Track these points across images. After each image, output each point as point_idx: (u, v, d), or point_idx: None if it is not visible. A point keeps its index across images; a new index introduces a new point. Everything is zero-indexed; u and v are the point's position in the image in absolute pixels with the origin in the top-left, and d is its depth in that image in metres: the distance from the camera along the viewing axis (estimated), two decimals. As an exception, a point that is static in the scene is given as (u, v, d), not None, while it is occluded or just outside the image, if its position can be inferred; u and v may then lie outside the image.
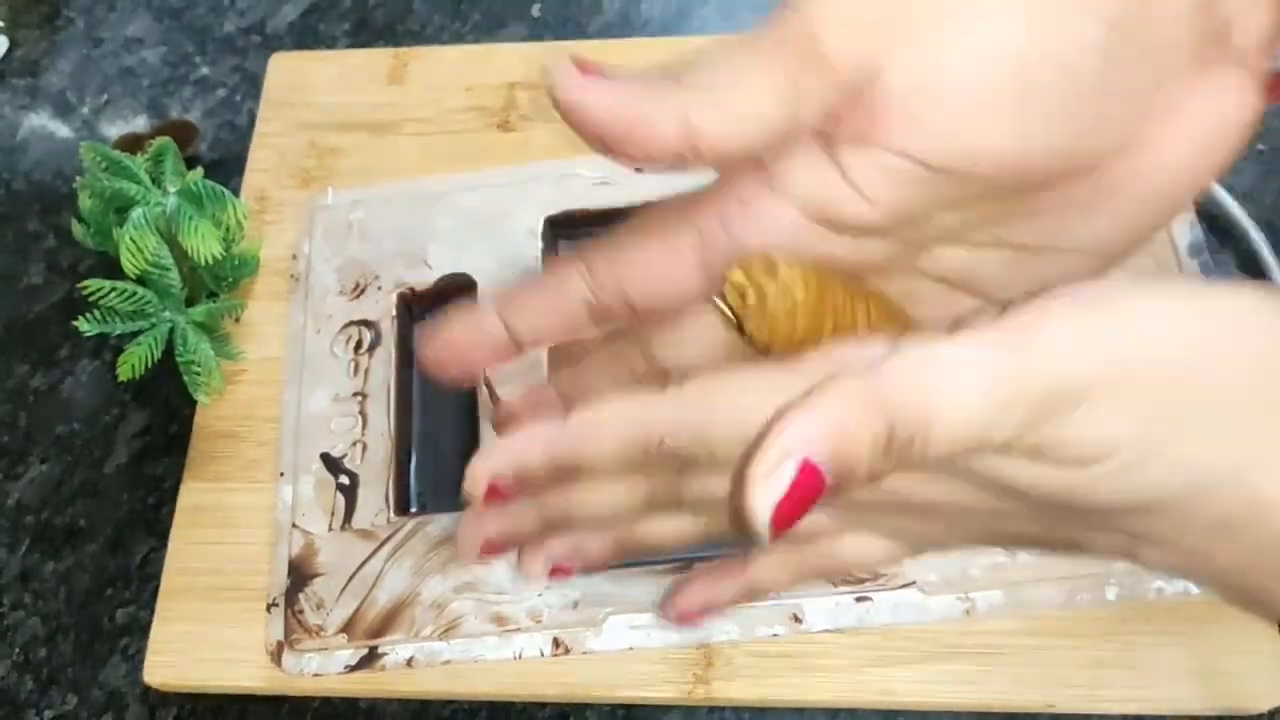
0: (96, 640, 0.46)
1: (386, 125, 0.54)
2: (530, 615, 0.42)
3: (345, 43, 0.59)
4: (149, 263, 0.44)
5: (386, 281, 0.48)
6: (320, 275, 0.49)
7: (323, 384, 0.47)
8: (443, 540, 0.43)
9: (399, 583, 0.42)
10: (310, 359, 0.47)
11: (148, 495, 0.48)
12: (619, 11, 0.58)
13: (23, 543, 0.48)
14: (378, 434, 0.45)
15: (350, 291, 0.48)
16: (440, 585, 0.42)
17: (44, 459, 0.50)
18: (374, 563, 0.43)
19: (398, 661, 0.41)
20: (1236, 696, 0.39)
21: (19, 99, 0.59)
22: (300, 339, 0.48)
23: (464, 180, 0.50)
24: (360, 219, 0.50)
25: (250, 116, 0.56)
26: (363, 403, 0.46)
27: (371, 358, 0.47)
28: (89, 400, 0.51)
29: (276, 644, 0.42)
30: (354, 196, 0.51)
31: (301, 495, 0.45)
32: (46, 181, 0.57)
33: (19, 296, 0.54)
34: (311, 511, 0.44)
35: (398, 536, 0.43)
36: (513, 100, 0.54)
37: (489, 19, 0.59)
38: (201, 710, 0.44)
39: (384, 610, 0.42)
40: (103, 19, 0.61)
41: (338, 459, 0.45)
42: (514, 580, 0.42)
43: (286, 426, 0.46)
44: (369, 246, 0.49)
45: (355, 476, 0.45)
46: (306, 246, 0.50)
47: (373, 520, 0.44)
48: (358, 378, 0.47)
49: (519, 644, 0.41)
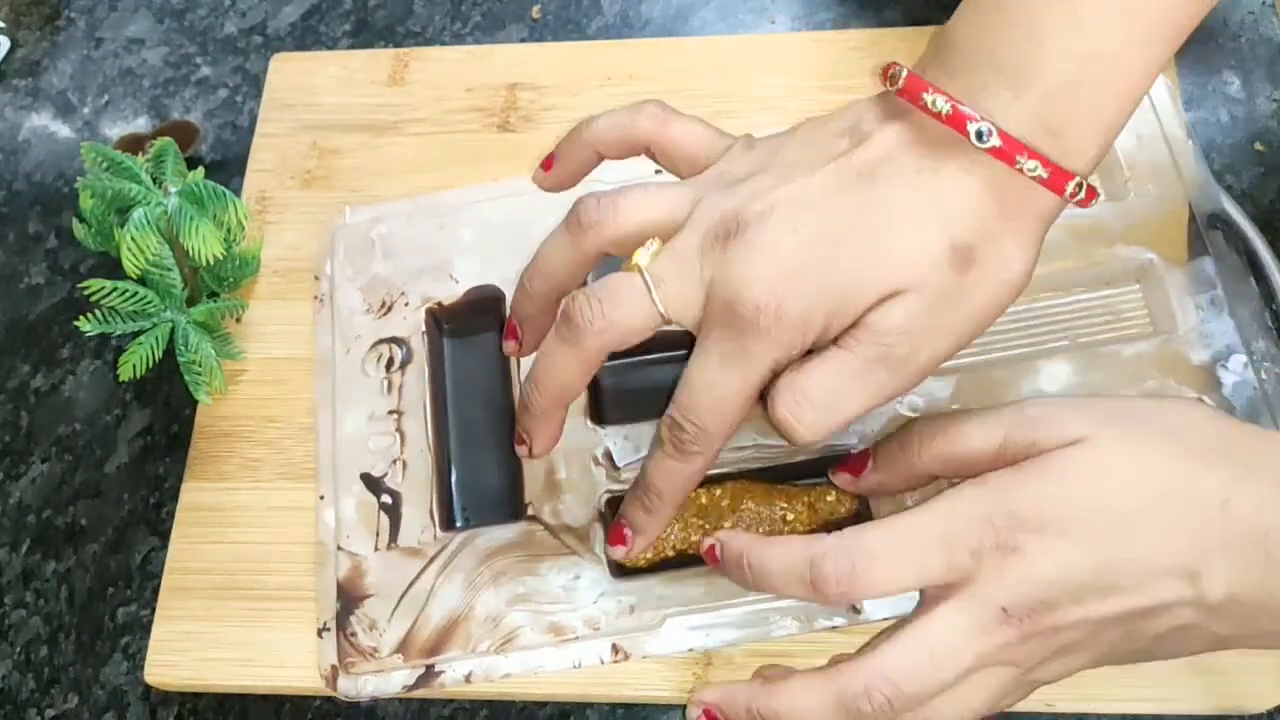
0: (98, 640, 0.46)
1: (387, 125, 0.54)
2: (587, 623, 0.41)
3: (346, 43, 0.59)
4: (150, 263, 0.44)
5: (413, 297, 0.48)
6: (345, 294, 0.48)
7: (356, 404, 0.46)
8: (493, 553, 0.42)
9: (451, 599, 0.42)
10: (341, 380, 0.47)
11: (149, 495, 0.48)
12: (619, 12, 0.58)
13: (24, 542, 0.48)
14: (417, 450, 0.45)
15: (377, 309, 0.48)
16: (494, 598, 0.42)
17: (45, 459, 0.50)
18: (424, 580, 0.42)
19: (456, 678, 0.41)
20: (1236, 696, 0.39)
21: (20, 99, 0.60)
22: (330, 360, 0.47)
23: (484, 191, 0.50)
24: (382, 235, 0.49)
25: (251, 117, 0.56)
26: (399, 420, 0.45)
27: (404, 374, 0.46)
28: (90, 400, 0.51)
29: (331, 668, 0.41)
30: (373, 214, 0.50)
31: (344, 517, 0.44)
32: (48, 182, 0.57)
33: (20, 297, 0.54)
34: (356, 533, 0.44)
35: (446, 552, 0.43)
36: (513, 100, 0.54)
37: (489, 19, 0.59)
38: (202, 709, 0.44)
39: (438, 627, 0.41)
40: (104, 19, 0.61)
41: (378, 478, 0.44)
42: (568, 589, 0.41)
43: (323, 449, 0.45)
44: (393, 263, 0.49)
45: (398, 495, 0.44)
46: (329, 266, 0.49)
47: (419, 537, 0.43)
48: (392, 395, 0.46)
49: (577, 652, 0.41)
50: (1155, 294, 0.44)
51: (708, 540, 0.37)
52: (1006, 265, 0.33)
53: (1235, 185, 0.50)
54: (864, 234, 0.33)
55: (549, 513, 0.43)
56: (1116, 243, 0.45)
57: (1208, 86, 0.52)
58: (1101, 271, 0.45)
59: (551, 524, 0.43)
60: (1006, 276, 0.33)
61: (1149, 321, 0.44)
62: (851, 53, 0.53)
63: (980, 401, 0.43)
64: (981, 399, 0.43)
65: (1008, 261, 0.33)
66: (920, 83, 0.33)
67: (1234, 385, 0.42)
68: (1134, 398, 0.36)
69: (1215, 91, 0.52)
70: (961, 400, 0.43)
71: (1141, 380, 0.42)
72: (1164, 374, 0.42)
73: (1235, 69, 0.53)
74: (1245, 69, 0.53)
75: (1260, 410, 0.42)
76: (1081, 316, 0.44)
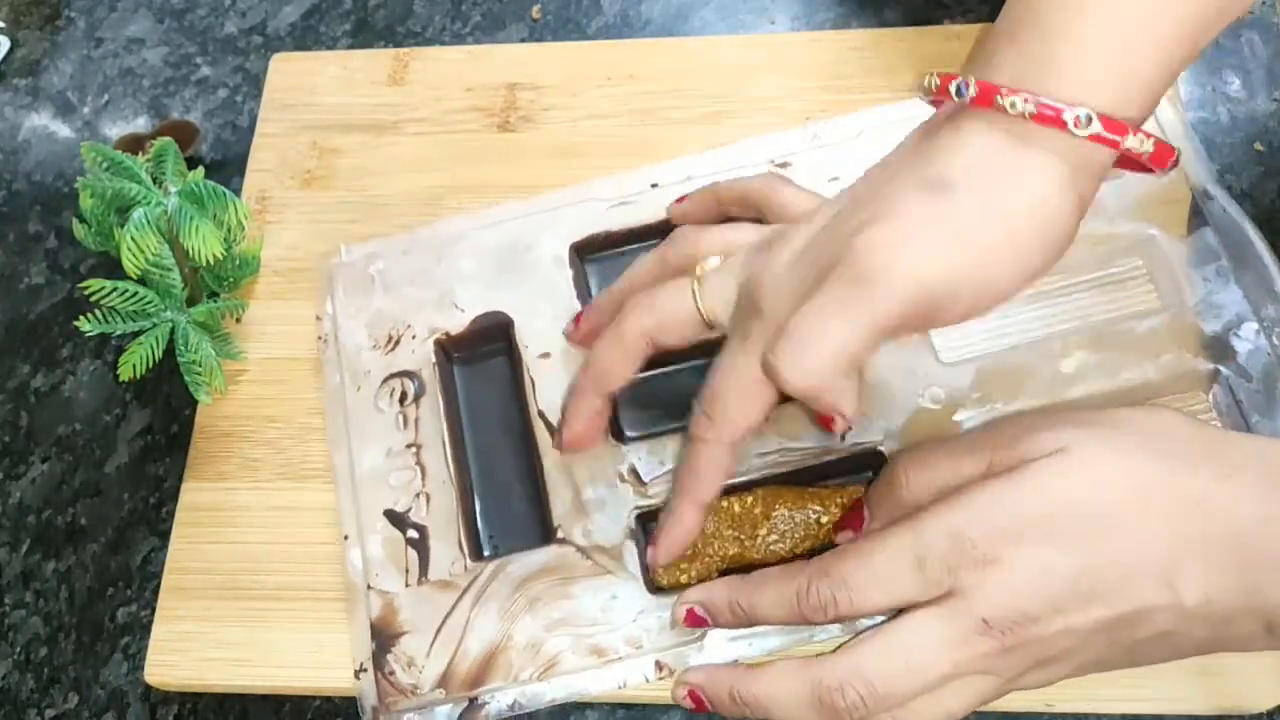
0: (98, 640, 0.46)
1: (387, 126, 0.54)
2: (629, 642, 0.40)
3: (346, 43, 0.59)
4: (150, 263, 0.44)
5: (420, 329, 0.47)
6: (349, 332, 0.48)
7: (372, 441, 0.45)
8: (526, 579, 0.42)
9: (489, 629, 0.41)
10: (354, 418, 0.46)
11: (149, 495, 0.48)
12: (619, 12, 0.58)
13: (24, 542, 0.48)
14: (439, 482, 0.44)
15: (384, 345, 0.47)
16: (532, 625, 0.41)
17: (45, 459, 0.50)
18: (459, 612, 0.42)
19: (500, 709, 0.40)
20: (1236, 696, 0.39)
21: (20, 99, 0.60)
22: (340, 399, 0.47)
23: (480, 219, 0.50)
24: (380, 271, 0.49)
25: (251, 117, 0.56)
26: (418, 453, 0.45)
27: (419, 407, 0.46)
28: (90, 400, 0.51)
29: (372, 710, 0.41)
30: (369, 250, 0.49)
31: (371, 556, 0.43)
32: (48, 182, 0.57)
33: (20, 296, 0.54)
34: (385, 571, 0.43)
35: (479, 582, 0.42)
36: (513, 100, 0.54)
37: (489, 19, 0.59)
38: (202, 709, 0.44)
39: (478, 659, 0.41)
40: (104, 19, 0.61)
41: (403, 514, 0.44)
42: (605, 609, 0.41)
43: (343, 489, 0.45)
44: (394, 297, 0.48)
45: (424, 529, 0.43)
46: (330, 306, 0.49)
47: (450, 570, 0.43)
48: (408, 430, 0.45)
49: (621, 673, 0.40)
50: (1160, 268, 0.44)
51: (682, 606, 0.39)
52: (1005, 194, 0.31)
53: (1235, 185, 0.50)
54: (854, 206, 0.34)
55: (579, 534, 0.42)
56: (1116, 219, 0.45)
57: (1208, 86, 0.52)
58: (1105, 250, 0.45)
59: (583, 545, 0.42)
60: (1006, 204, 0.31)
61: (1156, 296, 0.44)
62: (851, 53, 0.53)
63: (1003, 388, 0.43)
64: (1003, 386, 0.43)
65: (1007, 190, 0.31)
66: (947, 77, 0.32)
67: (1248, 353, 0.42)
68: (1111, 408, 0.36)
69: (1215, 91, 0.52)
70: (984, 389, 0.43)
71: (1157, 355, 0.43)
72: (1179, 347, 0.43)
73: (1235, 69, 0.53)
74: (1245, 69, 0.53)
75: (1276, 376, 0.42)
76: (1089, 296, 0.44)
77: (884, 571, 0.33)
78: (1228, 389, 0.42)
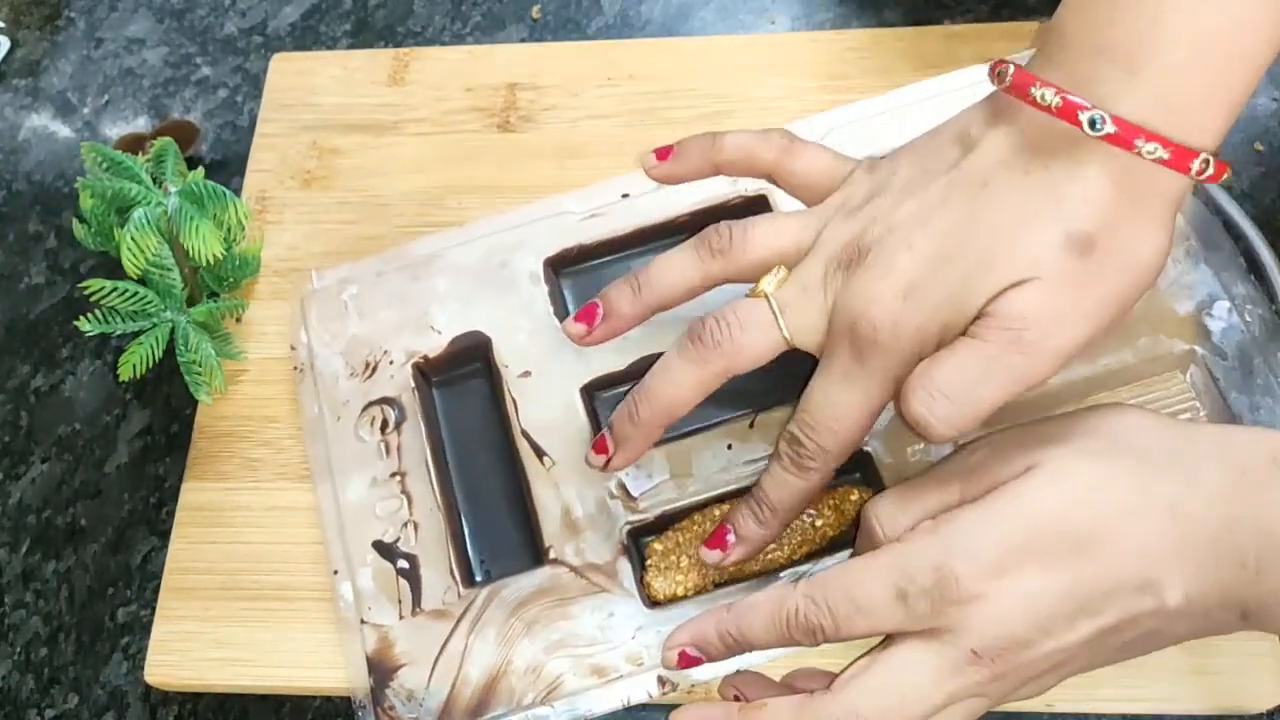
0: (98, 640, 0.46)
1: (387, 125, 0.54)
2: (629, 659, 0.40)
3: (346, 43, 0.59)
4: (150, 263, 0.44)
5: (397, 354, 0.46)
6: (325, 361, 0.47)
7: (356, 471, 0.44)
8: (521, 603, 0.41)
9: (487, 656, 0.40)
10: (336, 448, 0.45)
11: (149, 495, 0.48)
12: (619, 12, 0.58)
13: (24, 542, 0.48)
14: (426, 510, 0.43)
15: (362, 372, 0.46)
16: (530, 649, 0.40)
17: (45, 459, 0.50)
18: (456, 641, 0.41)
19: None
20: (1235, 696, 0.39)
21: (20, 99, 0.60)
22: (319, 430, 0.45)
23: (452, 237, 0.49)
24: (353, 296, 0.48)
25: (251, 117, 0.56)
26: (403, 481, 0.44)
27: (401, 434, 0.45)
28: (90, 400, 0.51)
29: None
30: (340, 275, 0.48)
31: (362, 589, 0.42)
32: (48, 182, 0.57)
33: (20, 296, 0.54)
34: (377, 603, 0.42)
35: (474, 609, 0.41)
36: (513, 100, 0.54)
37: (489, 19, 0.59)
38: (202, 709, 0.44)
39: (479, 687, 0.40)
40: (104, 19, 0.61)
41: (391, 544, 0.43)
42: (603, 628, 0.41)
43: (328, 522, 0.44)
44: (369, 322, 0.47)
45: (414, 558, 0.43)
46: (304, 335, 0.47)
47: (443, 598, 0.42)
48: (391, 458, 0.44)
49: (624, 691, 0.40)
50: None
51: (672, 651, 0.37)
52: (1134, 249, 0.32)
53: (1235, 185, 0.50)
54: (977, 241, 0.33)
55: (571, 553, 0.42)
56: None
57: (1208, 86, 0.52)
58: None
59: (576, 564, 0.42)
60: (1135, 260, 0.32)
61: None
62: (851, 53, 0.53)
63: None
64: None
65: (1135, 245, 0.32)
66: (1028, 77, 0.32)
67: (1222, 331, 0.43)
68: (1073, 413, 0.36)
69: (1215, 91, 0.52)
70: None
71: (1134, 338, 0.43)
72: (1153, 329, 0.43)
73: (1235, 69, 0.53)
74: (1245, 69, 0.53)
75: (1251, 353, 0.42)
76: None
77: (866, 603, 0.33)
78: (1204, 368, 0.42)
